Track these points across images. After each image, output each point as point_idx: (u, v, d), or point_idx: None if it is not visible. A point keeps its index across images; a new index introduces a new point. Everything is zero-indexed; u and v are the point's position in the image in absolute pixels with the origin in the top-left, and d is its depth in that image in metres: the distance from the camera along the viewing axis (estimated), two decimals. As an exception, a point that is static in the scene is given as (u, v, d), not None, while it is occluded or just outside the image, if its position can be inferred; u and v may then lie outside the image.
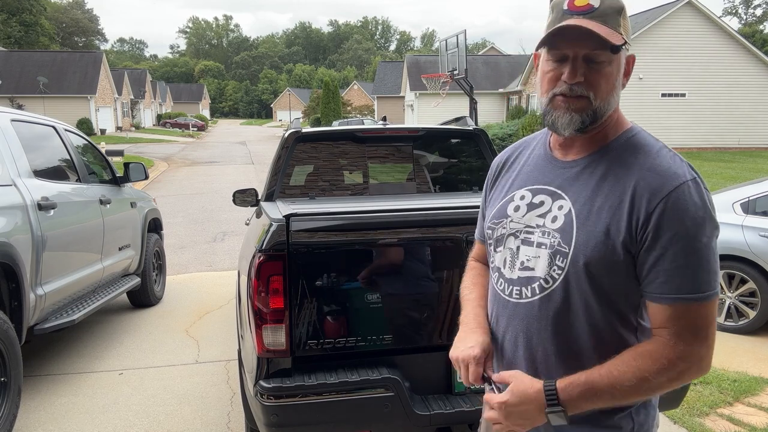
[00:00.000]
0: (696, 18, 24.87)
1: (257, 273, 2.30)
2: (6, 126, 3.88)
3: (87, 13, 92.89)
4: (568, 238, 1.23)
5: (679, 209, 1.14)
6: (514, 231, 1.33)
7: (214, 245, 8.87)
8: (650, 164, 1.20)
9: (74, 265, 4.28)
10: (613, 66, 1.22)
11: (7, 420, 3.27)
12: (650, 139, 1.27)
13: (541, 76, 1.29)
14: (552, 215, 1.27)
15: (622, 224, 1.17)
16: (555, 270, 1.24)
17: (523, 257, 1.30)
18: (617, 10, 1.22)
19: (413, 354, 2.48)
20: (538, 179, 1.34)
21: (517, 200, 1.35)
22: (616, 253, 1.18)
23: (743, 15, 70.20)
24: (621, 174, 1.21)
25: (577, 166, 1.29)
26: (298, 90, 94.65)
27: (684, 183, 1.16)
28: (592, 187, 1.24)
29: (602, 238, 1.19)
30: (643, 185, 1.18)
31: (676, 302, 1.15)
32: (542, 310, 1.27)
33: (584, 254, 1.20)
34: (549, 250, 1.25)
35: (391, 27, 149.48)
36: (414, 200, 3.17)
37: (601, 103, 1.23)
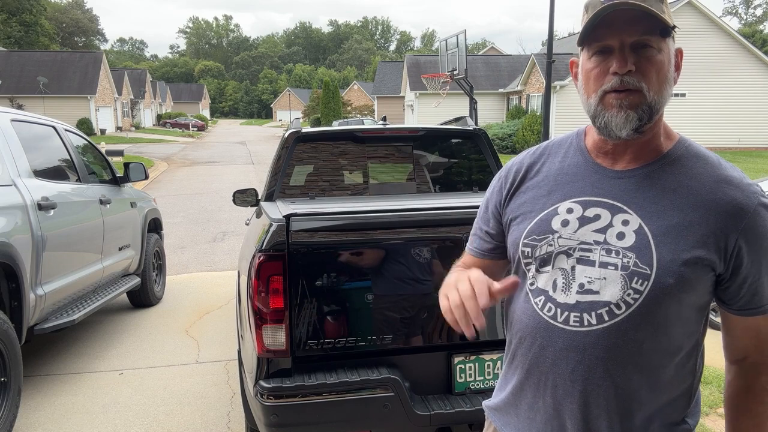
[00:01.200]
0: (696, 18, 24.88)
1: (257, 273, 2.30)
2: (6, 126, 3.88)
3: (87, 13, 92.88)
4: (647, 258, 1.10)
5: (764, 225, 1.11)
6: (565, 248, 1.16)
7: (214, 245, 8.87)
8: (720, 175, 1.13)
9: (74, 265, 4.28)
10: (664, 55, 1.11)
11: (7, 420, 3.27)
12: (701, 148, 1.20)
13: (584, 76, 1.16)
14: (616, 231, 1.13)
15: (710, 241, 1.09)
16: (630, 294, 1.10)
17: (582, 279, 1.13)
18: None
19: (413, 354, 2.48)
20: (585, 191, 1.19)
21: (564, 213, 1.19)
22: (706, 272, 1.10)
23: (743, 15, 70.21)
24: (694, 187, 1.12)
25: (635, 176, 1.16)
26: (298, 90, 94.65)
27: (761, 197, 1.12)
28: (661, 200, 1.13)
29: (690, 256, 1.09)
30: (725, 200, 1.10)
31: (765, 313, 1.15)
32: (611, 338, 1.11)
33: (672, 275, 1.08)
34: (622, 272, 1.11)
35: (391, 27, 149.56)
36: (414, 200, 3.17)
37: (655, 96, 1.11)
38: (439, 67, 18.48)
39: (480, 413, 2.39)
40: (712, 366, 4.28)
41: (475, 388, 2.50)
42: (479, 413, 2.39)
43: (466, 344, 2.51)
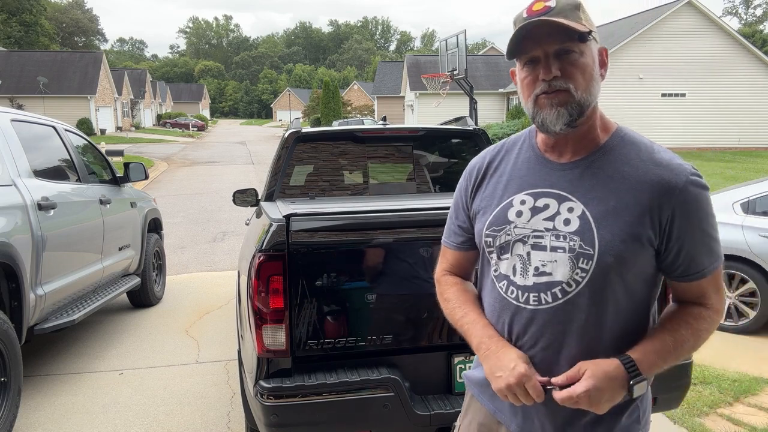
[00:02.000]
0: (696, 18, 24.87)
1: (257, 273, 2.30)
2: (6, 126, 3.88)
3: (87, 13, 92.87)
4: (590, 240, 1.24)
5: (693, 200, 1.23)
6: (520, 237, 1.30)
7: (214, 245, 8.87)
8: (654, 159, 1.26)
9: (74, 265, 4.28)
10: (586, 57, 1.25)
11: (7, 420, 3.27)
12: (637, 135, 1.32)
13: (520, 85, 1.32)
14: (563, 218, 1.27)
15: (645, 220, 1.22)
16: (578, 273, 1.24)
17: (536, 263, 1.28)
18: (574, 6, 1.24)
19: (413, 354, 2.48)
20: (536, 183, 1.33)
21: (518, 205, 1.33)
22: (642, 247, 1.23)
23: (743, 15, 70.20)
24: (628, 172, 1.25)
25: (578, 168, 1.30)
26: (298, 90, 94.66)
27: (691, 173, 1.24)
28: (601, 187, 1.26)
29: (626, 235, 1.22)
30: (655, 180, 1.23)
31: (713, 272, 1.27)
32: (566, 314, 1.26)
33: (611, 253, 1.22)
34: (568, 254, 1.25)
35: (391, 27, 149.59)
36: (414, 200, 3.17)
37: (582, 93, 1.24)
38: (439, 67, 18.48)
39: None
40: (712, 366, 4.28)
41: (475, 388, 2.50)
42: (479, 413, 2.40)
43: (467, 344, 2.51)
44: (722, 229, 5.32)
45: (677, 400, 2.66)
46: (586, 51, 1.24)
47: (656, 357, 1.23)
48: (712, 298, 1.29)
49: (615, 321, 1.27)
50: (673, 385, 2.60)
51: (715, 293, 1.30)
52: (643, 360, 1.22)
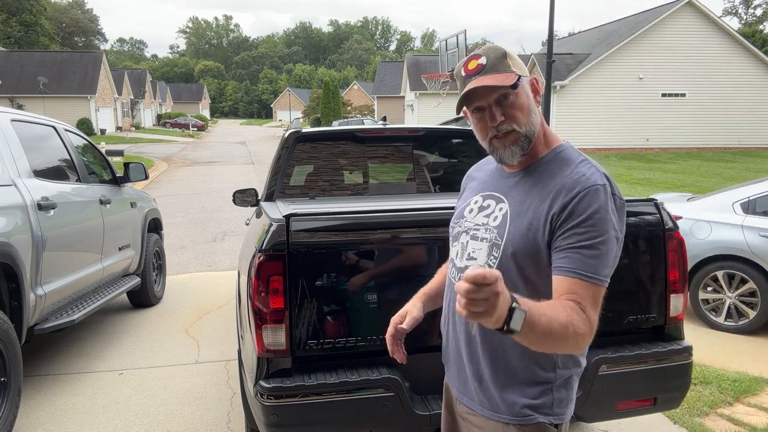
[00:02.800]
0: (696, 18, 24.88)
1: (257, 273, 2.30)
2: (6, 126, 3.88)
3: (87, 13, 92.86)
4: (502, 233, 1.47)
5: (586, 204, 1.36)
6: (466, 229, 1.58)
7: (214, 245, 8.87)
8: (570, 172, 1.44)
9: (74, 265, 4.28)
10: (520, 96, 1.46)
11: (7, 420, 3.27)
12: (574, 154, 1.49)
13: (474, 128, 1.55)
14: (494, 215, 1.52)
15: (541, 219, 1.41)
16: (491, 259, 1.47)
17: (470, 249, 1.54)
18: (501, 57, 1.46)
19: (413, 354, 2.47)
20: (489, 187, 1.60)
21: (472, 204, 1.61)
22: (536, 244, 1.41)
23: (743, 15, 70.20)
24: (547, 181, 1.46)
25: (516, 177, 1.54)
26: (298, 90, 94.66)
27: (594, 186, 1.38)
28: (524, 192, 1.48)
29: (525, 231, 1.43)
30: (561, 186, 1.41)
31: (575, 276, 1.34)
32: None
33: (512, 245, 1.44)
34: (488, 243, 1.50)
35: (391, 27, 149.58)
36: (414, 200, 3.17)
37: (526, 127, 1.47)
38: (439, 67, 18.47)
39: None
40: (712, 366, 4.29)
41: (475, 388, 2.50)
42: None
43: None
44: (722, 229, 5.37)
45: (677, 400, 2.66)
46: (519, 92, 1.46)
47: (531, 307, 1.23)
48: (585, 304, 1.32)
49: None
50: (673, 385, 2.60)
51: (590, 305, 1.33)
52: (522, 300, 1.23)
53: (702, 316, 5.29)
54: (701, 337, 4.90)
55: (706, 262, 5.24)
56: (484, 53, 1.47)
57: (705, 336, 4.96)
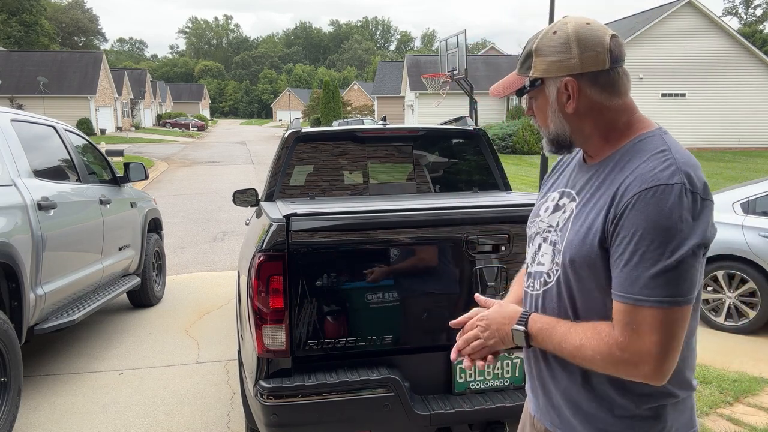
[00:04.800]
0: (696, 18, 24.88)
1: (257, 273, 2.30)
2: (6, 126, 3.88)
3: (87, 13, 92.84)
4: (563, 237, 1.32)
5: (640, 211, 1.15)
6: (540, 230, 1.43)
7: (214, 245, 8.87)
8: (637, 167, 1.21)
9: (74, 265, 4.28)
10: (540, 100, 1.36)
11: (7, 420, 3.27)
12: (656, 143, 1.25)
13: None
14: (565, 216, 1.35)
15: (599, 222, 1.23)
16: (554, 266, 1.34)
17: (541, 253, 1.40)
18: (528, 54, 1.36)
19: (413, 354, 2.48)
20: (567, 183, 1.43)
21: (549, 201, 1.45)
22: (593, 251, 1.23)
23: (743, 15, 70.21)
24: (616, 177, 1.25)
25: (591, 171, 1.35)
26: (298, 90, 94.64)
27: (656, 186, 1.14)
28: (593, 189, 1.30)
29: (582, 236, 1.26)
30: (623, 186, 1.20)
31: (617, 299, 1.18)
32: (544, 302, 1.37)
33: (569, 252, 1.28)
34: (552, 248, 1.35)
35: (391, 27, 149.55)
36: (414, 200, 3.17)
37: (547, 129, 1.36)
38: (439, 67, 18.45)
39: (480, 413, 2.40)
40: (712, 366, 4.28)
41: (475, 388, 2.50)
42: (479, 413, 2.39)
43: (466, 344, 2.51)
44: (722, 229, 5.36)
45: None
46: (538, 95, 1.36)
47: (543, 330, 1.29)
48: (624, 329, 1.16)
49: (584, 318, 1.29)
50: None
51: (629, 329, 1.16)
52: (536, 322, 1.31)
53: (702, 317, 5.29)
54: (701, 337, 4.90)
55: (706, 262, 5.22)
56: (527, 43, 1.38)
57: (705, 336, 4.96)
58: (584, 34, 1.27)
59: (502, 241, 2.49)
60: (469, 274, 2.47)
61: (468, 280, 2.47)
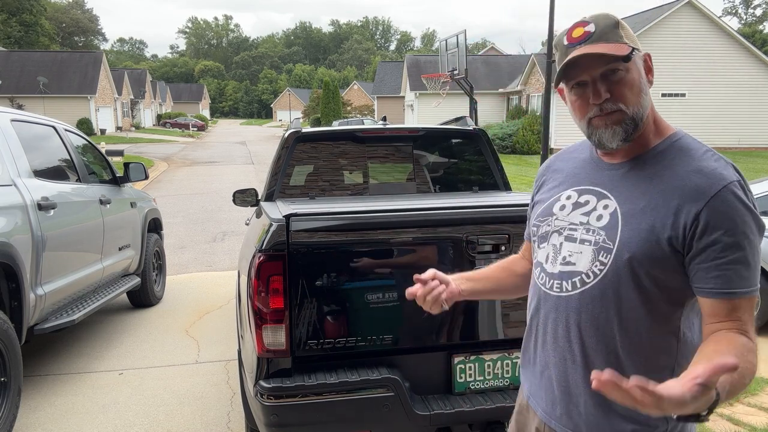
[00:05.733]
0: (696, 18, 24.87)
1: (257, 273, 2.30)
2: (6, 126, 3.88)
3: (87, 13, 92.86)
4: (614, 235, 1.26)
5: (726, 209, 1.17)
6: (558, 228, 1.38)
7: (214, 245, 8.87)
8: (696, 166, 1.23)
9: (74, 265, 4.28)
10: (632, 72, 1.27)
11: (7, 420, 3.27)
12: (695, 143, 1.30)
13: (571, 107, 1.35)
14: (597, 213, 1.31)
15: (667, 222, 1.21)
16: (597, 266, 1.28)
17: (565, 252, 1.34)
18: (613, 25, 1.28)
19: (413, 354, 2.48)
20: (584, 181, 1.39)
21: (564, 200, 1.40)
22: (660, 249, 1.21)
23: (743, 15, 70.21)
24: (667, 176, 1.25)
25: (623, 168, 1.32)
26: (298, 90, 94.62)
27: (730, 183, 1.19)
28: (638, 187, 1.28)
29: (646, 234, 1.22)
30: (690, 186, 1.21)
31: (735, 296, 1.18)
32: (582, 303, 1.30)
33: (628, 250, 1.23)
34: (593, 247, 1.29)
35: (391, 27, 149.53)
36: (414, 200, 3.17)
37: (634, 108, 1.27)
38: (439, 67, 18.46)
39: (480, 413, 2.40)
40: (712, 366, 4.28)
41: (475, 388, 2.50)
42: (479, 413, 2.39)
43: (467, 344, 2.52)
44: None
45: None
46: (631, 67, 1.27)
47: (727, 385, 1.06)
48: (748, 326, 1.18)
49: (629, 323, 1.26)
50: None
51: (750, 324, 1.19)
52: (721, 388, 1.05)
53: (702, 316, 5.27)
54: (701, 337, 4.90)
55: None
56: (592, 20, 1.29)
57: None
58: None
59: (502, 241, 2.49)
60: (469, 274, 2.46)
61: (468, 280, 2.47)
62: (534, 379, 1.44)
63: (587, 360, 1.30)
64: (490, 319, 2.53)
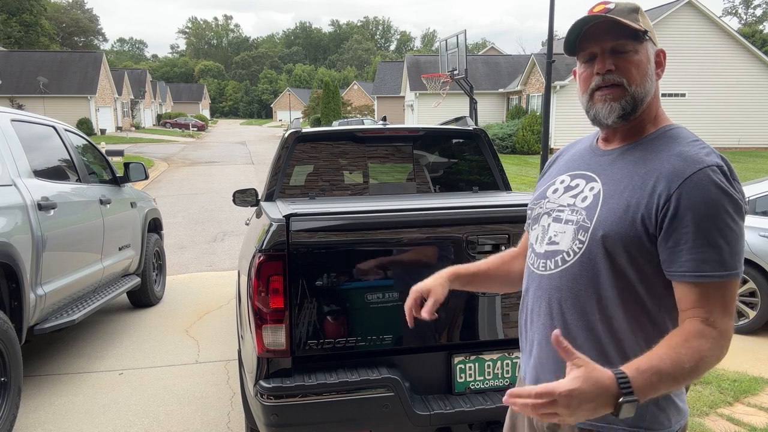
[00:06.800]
0: (696, 18, 24.87)
1: (257, 273, 2.30)
2: (6, 126, 3.88)
3: (87, 13, 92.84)
4: (592, 214, 1.30)
5: (698, 191, 1.18)
6: (548, 210, 1.42)
7: (214, 245, 8.87)
8: (678, 151, 1.26)
9: (74, 265, 4.28)
10: (641, 55, 1.31)
11: (7, 420, 3.27)
12: (686, 133, 1.32)
13: (578, 80, 1.39)
14: (583, 195, 1.35)
15: (642, 202, 1.23)
16: (576, 243, 1.31)
17: (551, 233, 1.38)
18: (632, 9, 1.31)
19: (413, 354, 2.48)
20: (579, 166, 1.44)
21: (557, 184, 1.45)
22: (633, 228, 1.23)
23: (743, 15, 70.23)
24: (650, 158, 1.28)
25: (614, 153, 1.37)
26: (298, 90, 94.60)
27: (708, 167, 1.20)
28: (623, 171, 1.31)
29: (621, 213, 1.25)
30: (667, 168, 1.23)
31: (703, 280, 1.18)
32: (563, 281, 1.33)
33: (603, 228, 1.27)
34: (574, 226, 1.33)
35: (391, 27, 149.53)
36: (414, 200, 3.17)
37: (636, 88, 1.30)
38: (439, 67, 18.46)
39: (479, 413, 2.40)
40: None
41: (475, 388, 2.50)
42: (479, 413, 2.39)
43: (466, 344, 2.52)
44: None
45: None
46: (640, 50, 1.30)
47: (649, 378, 1.09)
48: (714, 314, 1.17)
49: (607, 302, 1.27)
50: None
51: (720, 312, 1.17)
52: (637, 378, 1.09)
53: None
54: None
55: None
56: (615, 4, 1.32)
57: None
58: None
59: (502, 241, 2.49)
60: (469, 274, 2.46)
61: (468, 280, 2.47)
62: (525, 357, 1.48)
63: (569, 337, 1.28)
64: (490, 319, 2.53)
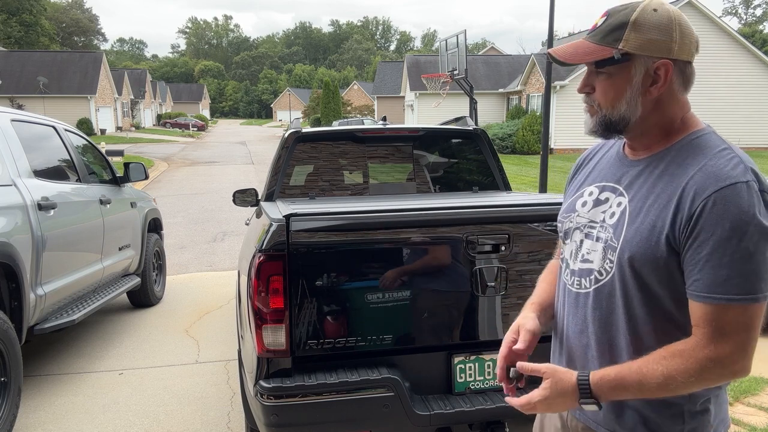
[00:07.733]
0: (696, 18, 24.86)
1: (257, 273, 2.30)
2: (6, 126, 3.88)
3: (87, 13, 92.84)
4: (619, 234, 1.27)
5: (721, 209, 1.13)
6: (579, 225, 1.40)
7: (214, 245, 8.87)
8: (704, 164, 1.19)
9: (74, 265, 4.28)
10: (616, 78, 1.26)
11: (7, 420, 3.27)
12: (715, 141, 1.25)
13: None
14: (611, 211, 1.32)
15: (667, 221, 1.19)
16: (607, 263, 1.29)
17: (584, 250, 1.36)
18: (619, 25, 1.24)
19: (413, 354, 2.48)
20: (606, 176, 1.39)
21: (586, 196, 1.41)
22: (659, 250, 1.20)
23: (743, 15, 70.26)
24: (676, 173, 1.22)
25: (641, 165, 1.32)
26: (298, 90, 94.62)
27: (733, 184, 1.14)
28: (648, 185, 1.27)
29: (646, 234, 1.22)
30: (692, 184, 1.18)
31: (705, 301, 1.15)
32: (596, 300, 1.33)
33: (629, 249, 1.24)
34: (603, 244, 1.31)
35: (391, 27, 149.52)
36: (414, 200, 3.17)
37: (607, 110, 1.28)
38: (439, 67, 18.45)
39: (479, 413, 2.40)
40: (712, 366, 4.28)
41: (475, 388, 2.50)
42: (479, 413, 2.39)
43: (466, 344, 2.52)
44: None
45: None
46: (620, 71, 1.25)
47: (611, 386, 1.21)
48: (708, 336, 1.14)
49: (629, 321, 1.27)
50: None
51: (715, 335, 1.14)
52: (600, 384, 1.21)
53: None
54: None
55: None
56: (612, 13, 1.27)
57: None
58: (684, 22, 1.25)
59: (502, 241, 2.49)
60: (469, 274, 2.47)
61: (468, 280, 2.47)
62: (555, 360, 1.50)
63: (602, 356, 1.32)
64: (490, 319, 2.53)
